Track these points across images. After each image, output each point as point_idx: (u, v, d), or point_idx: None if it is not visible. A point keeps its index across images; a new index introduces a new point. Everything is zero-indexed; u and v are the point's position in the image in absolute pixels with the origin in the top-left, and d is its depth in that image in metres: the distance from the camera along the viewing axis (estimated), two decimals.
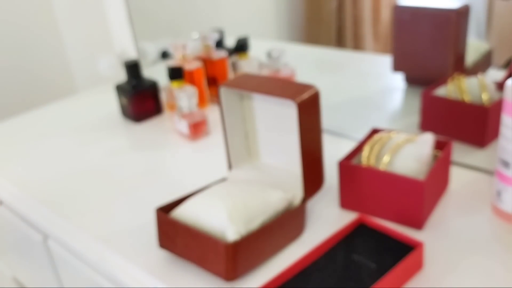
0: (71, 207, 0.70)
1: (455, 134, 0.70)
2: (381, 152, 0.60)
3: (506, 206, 0.55)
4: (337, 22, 0.99)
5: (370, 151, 0.60)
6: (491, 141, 0.69)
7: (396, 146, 0.59)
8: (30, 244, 0.79)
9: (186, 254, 0.53)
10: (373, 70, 1.00)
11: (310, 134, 0.57)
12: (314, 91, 0.56)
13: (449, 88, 0.71)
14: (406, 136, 0.60)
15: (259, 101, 0.62)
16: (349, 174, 0.59)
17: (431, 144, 0.58)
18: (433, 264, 0.51)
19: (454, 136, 0.70)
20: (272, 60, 0.88)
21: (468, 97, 0.69)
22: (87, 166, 0.80)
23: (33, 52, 1.48)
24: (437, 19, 0.75)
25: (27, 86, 1.48)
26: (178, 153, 0.82)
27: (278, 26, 1.10)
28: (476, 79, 0.70)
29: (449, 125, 0.71)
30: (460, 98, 0.69)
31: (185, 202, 0.56)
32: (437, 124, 0.72)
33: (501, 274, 0.49)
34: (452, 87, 0.71)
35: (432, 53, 0.77)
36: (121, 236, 0.62)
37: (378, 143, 0.60)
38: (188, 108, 0.82)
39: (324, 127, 0.63)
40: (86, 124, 0.95)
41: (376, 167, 0.59)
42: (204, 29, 0.98)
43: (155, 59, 1.17)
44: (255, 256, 0.53)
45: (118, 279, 0.58)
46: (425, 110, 0.73)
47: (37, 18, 1.47)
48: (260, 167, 0.65)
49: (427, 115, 0.73)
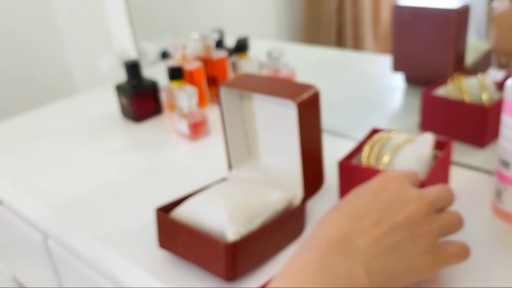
0: (71, 207, 0.70)
1: (455, 134, 0.70)
2: (381, 152, 0.60)
3: (506, 206, 0.55)
4: (337, 22, 0.99)
5: (370, 151, 0.60)
6: (491, 141, 0.69)
7: (396, 146, 0.59)
8: (30, 244, 0.79)
9: (186, 254, 0.53)
10: (373, 70, 1.00)
11: (310, 134, 0.57)
12: (314, 91, 0.56)
13: (449, 88, 0.71)
14: (406, 136, 0.60)
15: (259, 101, 0.62)
16: (349, 174, 0.59)
17: (431, 144, 0.58)
18: None
19: (454, 136, 0.70)
20: (272, 60, 0.88)
21: (468, 97, 0.69)
22: (87, 166, 0.80)
23: (33, 52, 1.48)
24: (437, 19, 0.75)
25: (27, 86, 1.48)
26: (178, 153, 0.82)
27: (278, 26, 1.11)
28: (476, 79, 0.70)
29: (449, 125, 0.71)
30: (460, 98, 0.69)
31: (185, 202, 0.56)
32: (437, 124, 0.72)
33: (501, 274, 0.49)
34: (452, 87, 0.71)
35: (432, 53, 0.77)
36: (121, 236, 0.62)
37: (378, 143, 0.60)
38: (188, 108, 0.82)
39: (324, 127, 0.63)
40: (86, 124, 0.95)
41: (376, 167, 0.59)
42: (204, 29, 0.98)
43: (155, 59, 1.17)
44: (255, 256, 0.53)
45: (118, 279, 0.58)
46: (425, 110, 0.73)
47: (37, 19, 1.47)
48: (260, 167, 0.65)
49: (427, 115, 0.73)
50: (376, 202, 0.42)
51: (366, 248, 0.40)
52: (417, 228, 0.41)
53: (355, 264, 0.38)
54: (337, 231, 0.40)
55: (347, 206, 0.43)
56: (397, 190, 0.43)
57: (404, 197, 0.43)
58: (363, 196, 0.44)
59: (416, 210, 0.42)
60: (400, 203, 0.42)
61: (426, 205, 0.42)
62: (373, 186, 0.45)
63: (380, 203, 0.42)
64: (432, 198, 0.43)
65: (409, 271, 0.42)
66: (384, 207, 0.42)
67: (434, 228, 0.42)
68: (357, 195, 0.44)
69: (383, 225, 0.41)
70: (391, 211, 0.42)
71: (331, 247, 0.39)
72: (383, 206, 0.42)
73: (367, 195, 0.44)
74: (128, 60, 0.92)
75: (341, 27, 0.99)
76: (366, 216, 0.41)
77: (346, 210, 0.42)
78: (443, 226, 0.43)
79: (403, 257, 0.41)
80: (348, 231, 0.40)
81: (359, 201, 0.43)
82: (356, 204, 0.43)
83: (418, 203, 0.42)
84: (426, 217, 0.42)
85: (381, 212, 0.41)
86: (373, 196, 0.43)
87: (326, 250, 0.39)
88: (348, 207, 0.43)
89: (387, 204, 0.42)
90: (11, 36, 1.43)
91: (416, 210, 0.42)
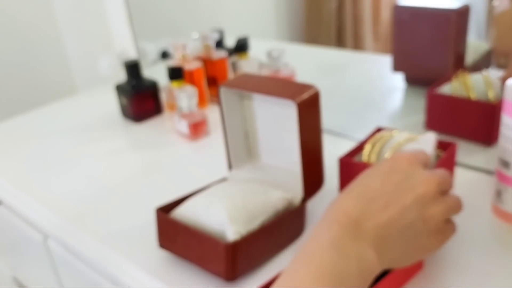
0: (71, 206, 0.70)
1: (461, 132, 0.70)
2: (383, 150, 0.60)
3: (506, 206, 0.55)
4: (337, 22, 0.99)
5: (372, 149, 0.60)
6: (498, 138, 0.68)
7: (397, 144, 0.59)
8: (30, 244, 0.79)
9: (186, 254, 0.53)
10: (373, 70, 1.00)
11: (310, 134, 0.57)
12: (314, 91, 0.56)
13: (453, 85, 0.70)
14: (408, 135, 0.60)
15: (259, 101, 0.62)
16: (349, 171, 0.59)
17: (433, 143, 0.58)
18: (433, 264, 0.51)
19: (459, 134, 0.70)
20: (272, 60, 0.88)
21: (474, 94, 0.68)
22: (87, 166, 0.80)
23: (33, 52, 1.48)
24: (437, 19, 0.75)
25: (27, 86, 1.48)
26: (178, 153, 0.82)
27: (278, 26, 1.10)
28: (480, 76, 0.69)
29: (455, 123, 0.70)
30: (466, 95, 0.69)
31: (185, 202, 0.56)
32: (443, 122, 0.71)
33: (501, 274, 0.49)
34: (457, 85, 0.70)
35: (432, 53, 0.77)
36: (121, 236, 0.62)
37: (379, 141, 0.61)
38: (188, 108, 0.82)
39: (324, 127, 0.63)
40: (86, 124, 0.95)
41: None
42: (204, 29, 0.98)
43: (155, 59, 1.17)
44: (255, 256, 0.53)
45: (118, 279, 0.58)
46: (430, 108, 0.73)
47: (37, 18, 1.47)
48: (260, 167, 0.65)
49: (432, 113, 0.73)
50: (386, 183, 0.43)
51: (376, 230, 0.40)
52: (427, 209, 0.42)
53: (365, 246, 0.40)
54: (347, 215, 0.41)
55: (357, 189, 0.44)
56: (407, 170, 0.44)
57: (414, 178, 0.43)
58: (373, 177, 0.44)
59: (426, 191, 0.42)
60: (410, 184, 0.43)
61: (435, 186, 0.43)
62: (384, 167, 0.45)
63: (390, 184, 0.43)
64: (440, 180, 0.44)
65: (419, 250, 0.43)
66: (394, 189, 0.42)
67: (442, 209, 0.43)
68: (368, 177, 0.45)
69: (392, 208, 0.41)
70: (401, 192, 0.42)
71: (343, 231, 0.40)
72: (393, 187, 0.42)
73: (378, 176, 0.44)
74: (128, 60, 0.92)
75: (341, 27, 0.99)
76: (375, 199, 0.42)
77: (357, 193, 0.43)
78: (449, 208, 0.44)
79: (413, 238, 0.42)
80: (358, 214, 0.41)
81: (369, 183, 0.44)
82: (367, 186, 0.43)
83: (428, 184, 0.43)
84: (434, 199, 0.43)
85: (391, 194, 0.42)
86: (383, 178, 0.44)
87: (338, 233, 0.40)
88: (359, 190, 0.43)
89: (397, 185, 0.43)
90: (11, 36, 1.43)
91: (426, 191, 0.42)
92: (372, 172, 0.45)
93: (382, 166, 0.45)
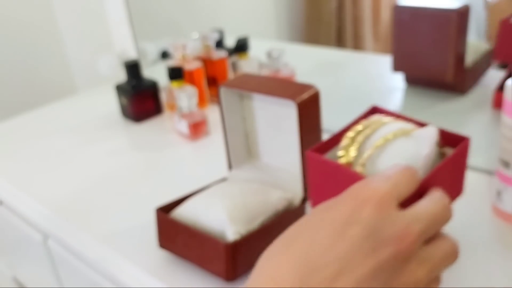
0: (71, 207, 0.70)
1: None
2: (366, 143, 0.43)
3: (506, 206, 0.55)
4: (337, 22, 0.99)
5: (352, 141, 0.43)
6: None
7: (383, 139, 0.42)
8: (30, 244, 0.79)
9: (186, 254, 0.53)
10: (373, 70, 1.00)
11: (310, 134, 0.57)
12: (314, 91, 0.56)
13: None
14: (402, 126, 0.43)
15: (259, 101, 0.62)
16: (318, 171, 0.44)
17: (432, 141, 0.41)
18: None
19: None
20: (272, 60, 0.88)
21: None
22: (87, 166, 0.80)
23: (33, 52, 1.48)
24: (437, 19, 0.75)
25: (27, 86, 1.48)
26: (178, 153, 0.82)
27: (278, 26, 1.11)
28: None
29: None
30: None
31: (185, 202, 0.56)
32: None
33: (501, 274, 0.49)
34: None
35: (432, 53, 0.77)
36: (121, 236, 0.62)
37: (364, 131, 0.43)
38: (188, 108, 0.82)
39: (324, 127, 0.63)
40: (86, 124, 0.95)
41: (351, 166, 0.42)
42: (204, 29, 0.98)
43: (155, 59, 1.17)
44: (255, 256, 0.52)
45: (118, 279, 0.58)
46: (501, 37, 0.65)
47: (37, 18, 1.47)
48: (260, 167, 0.65)
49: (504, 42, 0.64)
50: (339, 241, 0.30)
51: None
52: (400, 276, 0.30)
53: None
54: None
55: (298, 246, 0.31)
56: (371, 222, 0.31)
57: (381, 231, 0.30)
58: (322, 231, 0.31)
59: (397, 251, 0.30)
60: (375, 243, 0.30)
61: (412, 241, 0.30)
62: (340, 215, 0.32)
63: (344, 244, 0.30)
64: (421, 228, 0.31)
65: None
66: (349, 251, 0.30)
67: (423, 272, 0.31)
68: (314, 229, 0.32)
69: (345, 280, 0.29)
70: (359, 256, 0.30)
71: None
72: (347, 249, 0.30)
73: (328, 230, 0.31)
74: (128, 60, 0.92)
75: (341, 27, 0.99)
76: (321, 267, 0.30)
77: (296, 254, 0.31)
78: (435, 265, 0.32)
79: None
80: None
81: (315, 240, 0.31)
82: (311, 245, 0.31)
83: (401, 241, 0.30)
84: (408, 260, 0.30)
85: (343, 261, 0.30)
86: (336, 232, 0.31)
87: None
88: (299, 250, 0.31)
89: (355, 245, 0.30)
90: (11, 36, 1.43)
91: (397, 251, 0.30)
92: (323, 219, 0.32)
93: (339, 211, 0.32)
